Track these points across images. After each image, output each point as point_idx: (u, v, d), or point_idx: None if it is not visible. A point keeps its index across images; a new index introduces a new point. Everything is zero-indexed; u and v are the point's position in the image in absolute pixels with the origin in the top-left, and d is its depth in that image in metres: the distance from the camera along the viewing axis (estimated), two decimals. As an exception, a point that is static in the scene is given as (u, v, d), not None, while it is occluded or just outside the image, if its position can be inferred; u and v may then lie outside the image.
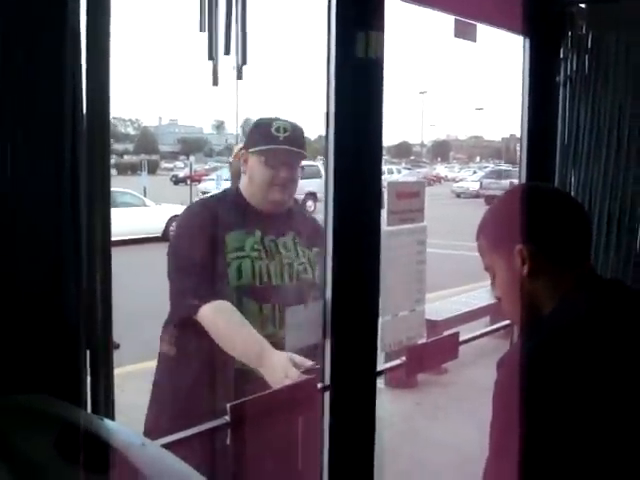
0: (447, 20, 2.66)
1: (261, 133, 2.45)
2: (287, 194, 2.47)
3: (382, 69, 2.22)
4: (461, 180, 28.80)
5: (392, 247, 2.42)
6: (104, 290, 1.07)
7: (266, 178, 2.41)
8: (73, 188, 1.04)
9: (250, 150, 2.45)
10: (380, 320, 2.37)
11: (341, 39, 2.04)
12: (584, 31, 2.99)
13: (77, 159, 1.05)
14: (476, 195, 20.00)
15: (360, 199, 2.19)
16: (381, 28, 2.18)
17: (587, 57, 2.99)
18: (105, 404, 1.07)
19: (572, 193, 3.06)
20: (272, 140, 2.40)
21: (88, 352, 1.07)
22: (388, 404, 5.78)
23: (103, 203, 1.08)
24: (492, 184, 20.02)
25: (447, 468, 4.54)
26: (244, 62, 1.58)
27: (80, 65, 1.06)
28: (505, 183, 19.15)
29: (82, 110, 1.07)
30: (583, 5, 3.00)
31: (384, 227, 2.39)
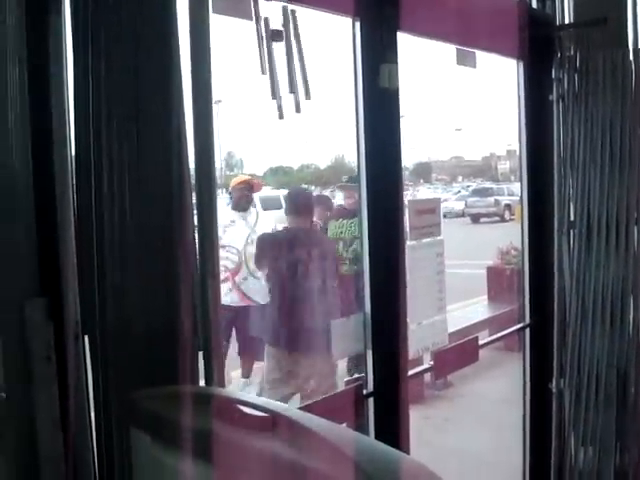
0: (449, 49, 2.91)
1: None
2: None
3: (399, 98, 2.44)
4: (445, 200, 29.03)
5: (415, 260, 2.62)
6: (214, 302, 1.25)
7: None
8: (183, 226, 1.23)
9: None
10: (409, 328, 2.56)
11: (366, 71, 2.26)
12: (573, 52, 3.22)
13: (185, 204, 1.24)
14: (462, 214, 20.24)
15: (387, 216, 2.39)
16: (397, 60, 2.41)
17: (577, 76, 3.22)
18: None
19: (571, 200, 3.28)
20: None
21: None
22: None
23: (211, 222, 1.26)
24: (477, 202, 20.29)
25: (461, 472, 4.70)
26: (308, 97, 1.79)
27: (184, 122, 1.26)
28: (490, 200, 19.41)
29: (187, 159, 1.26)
30: (571, 29, 3.24)
31: (407, 242, 2.60)
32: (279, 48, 1.76)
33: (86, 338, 1.32)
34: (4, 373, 1.08)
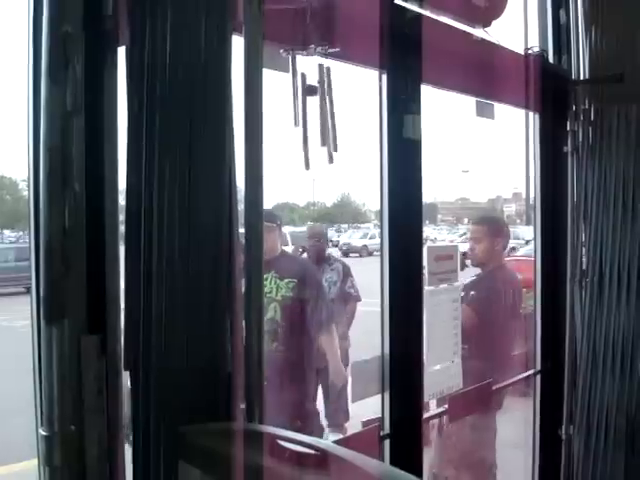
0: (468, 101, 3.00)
1: None
2: None
3: (421, 147, 2.52)
4: (451, 242, 29.11)
5: (432, 305, 2.68)
6: (258, 339, 1.32)
7: None
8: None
9: None
10: (425, 371, 2.61)
11: (392, 121, 2.35)
12: (587, 106, 3.32)
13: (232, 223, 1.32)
14: (466, 256, 20.28)
15: (407, 261, 2.46)
16: (420, 111, 2.50)
17: (591, 129, 3.32)
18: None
19: (584, 249, 3.35)
20: None
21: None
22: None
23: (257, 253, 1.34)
24: (482, 245, 20.39)
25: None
26: (335, 150, 1.88)
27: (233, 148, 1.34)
28: (495, 243, 19.45)
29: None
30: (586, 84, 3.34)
31: (425, 287, 2.66)
32: (313, 101, 1.85)
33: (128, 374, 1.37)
34: (62, 405, 1.14)
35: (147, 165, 1.33)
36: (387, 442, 2.38)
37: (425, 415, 2.70)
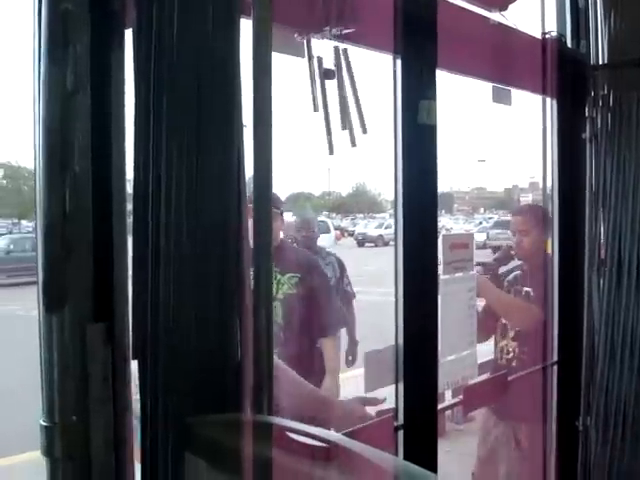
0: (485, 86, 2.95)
1: None
2: None
3: (436, 134, 2.48)
4: (467, 231, 29.03)
5: (447, 294, 2.64)
6: (267, 329, 1.29)
7: None
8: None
9: None
10: (440, 361, 2.58)
11: (406, 107, 2.31)
12: (606, 92, 3.26)
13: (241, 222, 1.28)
14: (483, 246, 20.19)
15: (421, 249, 2.42)
16: (435, 97, 2.45)
17: (610, 115, 3.25)
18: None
19: (602, 239, 3.29)
20: None
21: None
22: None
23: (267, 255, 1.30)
24: (499, 234, 20.22)
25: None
26: (364, 132, 1.85)
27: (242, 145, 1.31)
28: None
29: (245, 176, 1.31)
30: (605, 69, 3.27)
31: (440, 276, 2.62)
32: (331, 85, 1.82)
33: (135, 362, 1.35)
34: (63, 394, 1.12)
35: (155, 149, 1.31)
36: (401, 433, 2.35)
37: (440, 406, 2.66)
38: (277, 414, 1.33)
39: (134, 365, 1.34)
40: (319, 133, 1.85)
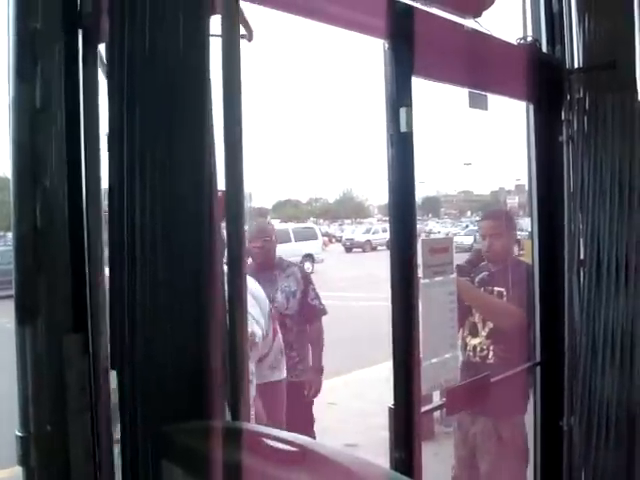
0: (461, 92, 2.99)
1: None
2: None
3: (413, 139, 2.52)
4: (454, 235, 29.23)
5: (427, 298, 2.67)
6: (241, 339, 1.32)
7: None
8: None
9: None
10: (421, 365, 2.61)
11: (388, 113, 2.36)
12: (582, 95, 3.30)
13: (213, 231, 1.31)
14: (470, 249, 20.32)
15: (403, 253, 2.47)
16: (411, 104, 2.49)
17: (586, 118, 3.30)
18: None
19: (581, 239, 3.33)
20: None
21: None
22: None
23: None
24: (486, 237, 20.34)
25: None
26: None
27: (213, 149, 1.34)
28: (499, 236, 19.39)
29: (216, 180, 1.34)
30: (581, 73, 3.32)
31: (421, 280, 2.65)
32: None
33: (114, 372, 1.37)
34: (37, 405, 1.14)
35: (128, 161, 1.33)
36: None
37: (423, 409, 2.68)
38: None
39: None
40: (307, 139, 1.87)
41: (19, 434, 1.13)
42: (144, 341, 1.31)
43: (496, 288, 3.80)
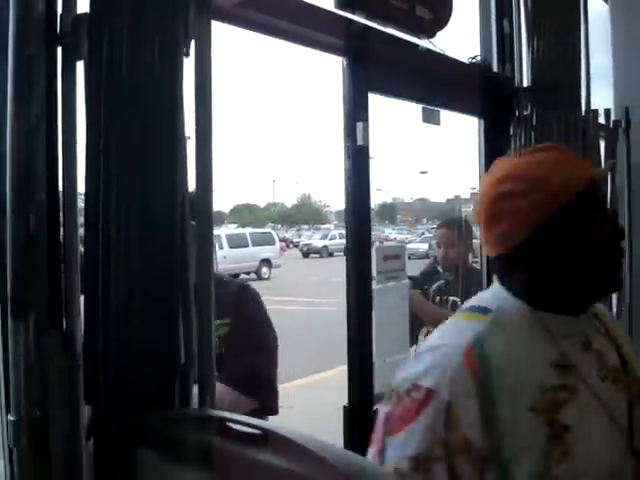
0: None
1: None
2: None
3: (369, 152, 2.67)
4: (410, 242, 29.68)
5: (381, 302, 2.82)
6: (207, 331, 1.44)
7: None
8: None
9: None
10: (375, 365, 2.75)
11: (348, 129, 2.51)
12: (529, 112, 3.50)
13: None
14: (425, 256, 20.67)
15: (358, 259, 2.61)
16: (368, 118, 2.64)
17: (533, 133, 3.49)
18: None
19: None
20: None
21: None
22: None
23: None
24: (441, 244, 20.70)
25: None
26: None
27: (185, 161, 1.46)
28: (454, 243, 19.77)
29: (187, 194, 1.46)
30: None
31: (374, 285, 2.79)
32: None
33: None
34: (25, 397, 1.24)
35: (104, 171, 1.43)
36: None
37: (376, 407, 2.82)
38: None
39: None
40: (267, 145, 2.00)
41: (12, 418, 1.24)
42: (115, 337, 1.42)
43: (451, 298, 3.91)
